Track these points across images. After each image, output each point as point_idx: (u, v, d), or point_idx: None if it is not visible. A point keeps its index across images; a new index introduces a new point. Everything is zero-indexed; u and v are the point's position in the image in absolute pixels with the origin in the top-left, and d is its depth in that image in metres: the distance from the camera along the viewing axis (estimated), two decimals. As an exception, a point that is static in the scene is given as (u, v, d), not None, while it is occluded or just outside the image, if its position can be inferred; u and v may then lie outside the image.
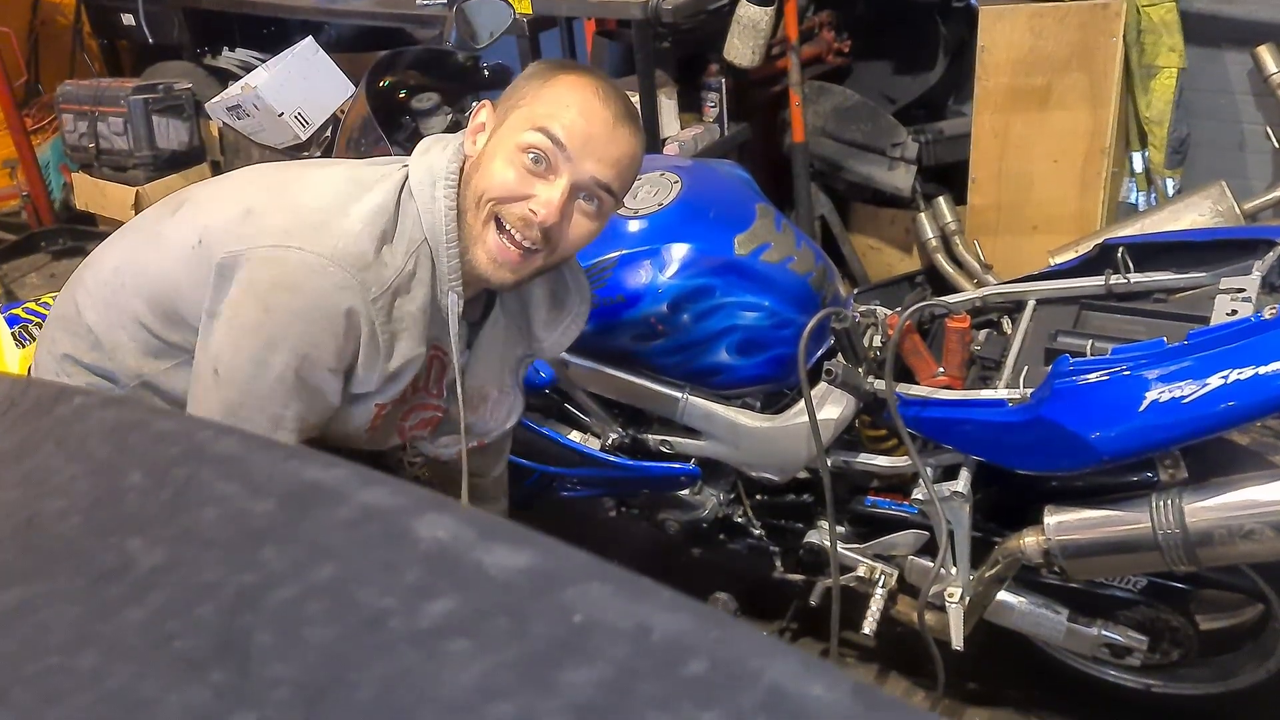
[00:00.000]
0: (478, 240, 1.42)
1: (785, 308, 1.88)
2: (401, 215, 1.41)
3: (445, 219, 1.41)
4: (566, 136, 1.37)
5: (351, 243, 1.34)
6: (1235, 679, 1.86)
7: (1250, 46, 2.89)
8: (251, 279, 1.33)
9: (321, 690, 0.44)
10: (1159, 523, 1.58)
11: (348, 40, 4.11)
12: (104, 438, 0.65)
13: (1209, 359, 1.48)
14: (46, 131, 4.56)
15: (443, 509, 0.51)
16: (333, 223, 1.35)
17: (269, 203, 1.38)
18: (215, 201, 1.44)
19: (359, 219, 1.36)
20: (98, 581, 0.53)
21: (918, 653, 1.91)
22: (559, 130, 1.37)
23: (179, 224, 1.44)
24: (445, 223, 1.41)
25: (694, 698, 0.40)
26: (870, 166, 3.27)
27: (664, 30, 2.80)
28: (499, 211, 1.40)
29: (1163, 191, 3.07)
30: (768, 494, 2.06)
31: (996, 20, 2.92)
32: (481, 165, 1.42)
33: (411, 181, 1.43)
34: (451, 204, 1.42)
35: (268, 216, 1.36)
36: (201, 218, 1.42)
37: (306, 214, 1.36)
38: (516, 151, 1.38)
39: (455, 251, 1.42)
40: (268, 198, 1.39)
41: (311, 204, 1.37)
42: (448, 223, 1.41)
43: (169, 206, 1.50)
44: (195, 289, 1.39)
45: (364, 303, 1.34)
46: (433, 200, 1.41)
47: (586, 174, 1.39)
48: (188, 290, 1.40)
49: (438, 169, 1.43)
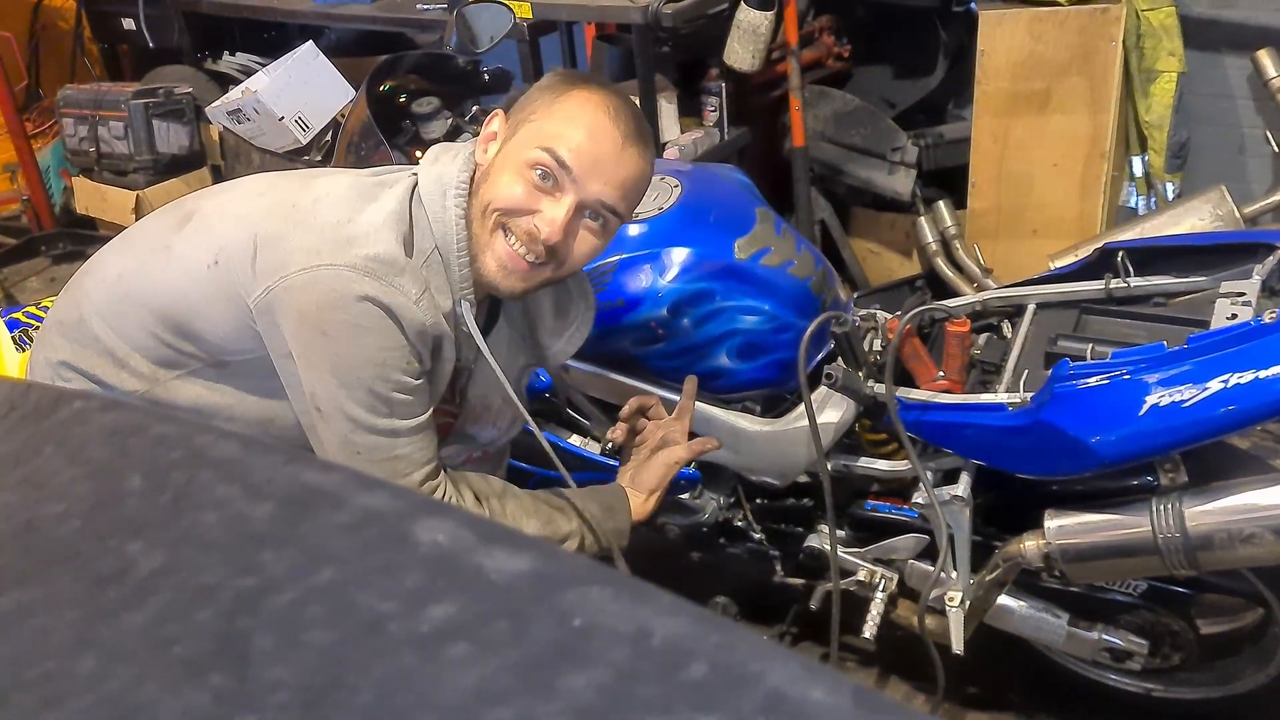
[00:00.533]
0: (487, 248, 1.42)
1: (785, 312, 1.88)
2: (414, 224, 1.41)
3: (456, 227, 1.42)
4: (574, 158, 1.38)
5: (381, 250, 1.35)
6: (1236, 683, 1.86)
7: (1250, 51, 2.90)
8: (299, 310, 1.33)
9: (321, 694, 0.44)
10: (1159, 527, 1.58)
11: (348, 45, 4.12)
12: (104, 441, 0.65)
13: (1209, 363, 1.48)
14: (47, 136, 4.56)
15: (442, 513, 0.51)
16: (356, 235, 1.35)
17: (284, 227, 1.37)
18: (226, 225, 1.43)
19: (380, 226, 1.37)
20: (97, 585, 0.53)
21: (918, 657, 1.90)
22: (566, 153, 1.37)
23: (189, 240, 1.44)
24: (456, 231, 1.42)
25: (694, 702, 0.40)
26: (870, 171, 3.28)
27: (664, 35, 2.81)
28: (505, 222, 1.41)
29: (1162, 196, 3.07)
30: (768, 498, 2.06)
31: (996, 25, 2.92)
32: (491, 176, 1.42)
33: (421, 190, 1.44)
34: (461, 213, 1.42)
35: (286, 241, 1.35)
36: (215, 239, 1.41)
37: (327, 230, 1.36)
38: (525, 167, 1.39)
39: (466, 260, 1.42)
40: (281, 222, 1.38)
41: (329, 220, 1.37)
42: (458, 231, 1.42)
43: (174, 218, 1.49)
44: (210, 306, 1.40)
45: (407, 304, 1.35)
46: (444, 209, 1.42)
47: (593, 195, 1.40)
48: (202, 307, 1.41)
49: (448, 177, 1.43)
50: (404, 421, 1.41)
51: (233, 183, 1.57)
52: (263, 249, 1.36)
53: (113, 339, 1.46)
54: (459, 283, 1.43)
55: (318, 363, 1.36)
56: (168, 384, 1.46)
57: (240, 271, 1.37)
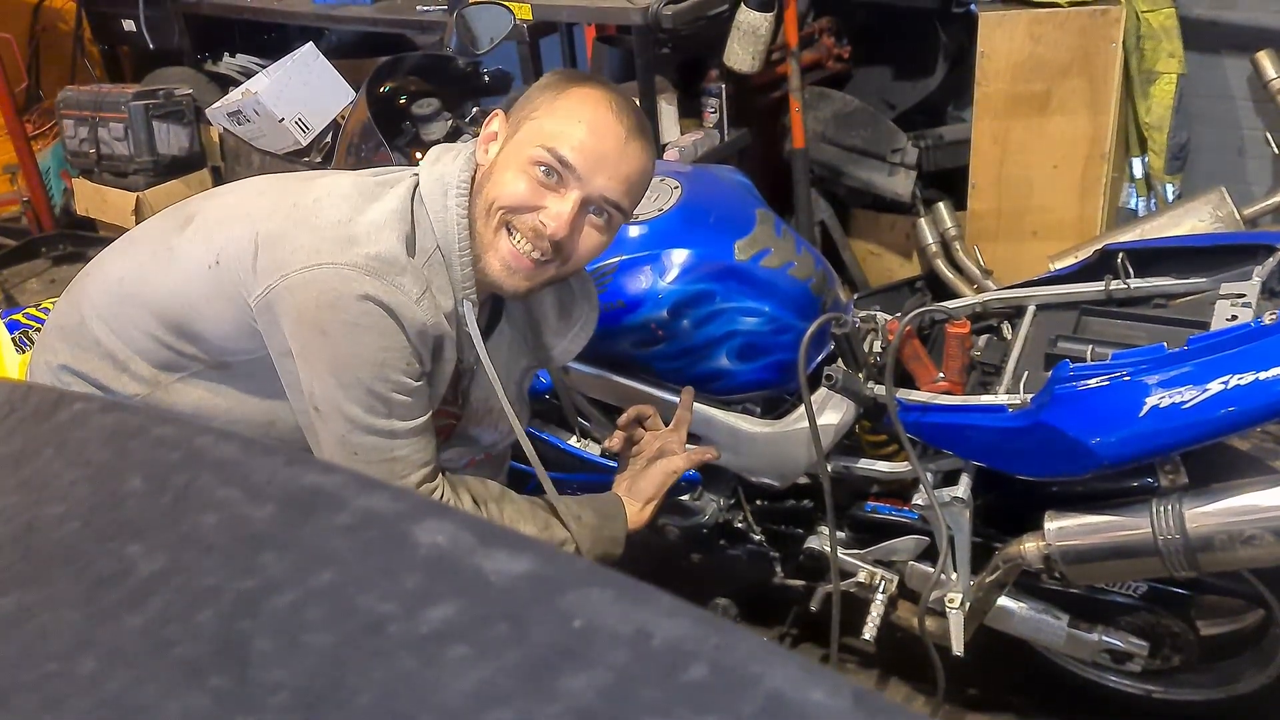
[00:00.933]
0: (490, 247, 1.42)
1: (785, 313, 1.88)
2: (416, 223, 1.41)
3: (458, 227, 1.42)
4: (577, 155, 1.38)
5: (383, 249, 1.35)
6: (1236, 684, 1.86)
7: (1250, 52, 2.90)
8: (298, 309, 1.33)
9: (320, 696, 0.44)
10: (1159, 528, 1.58)
11: (348, 46, 4.12)
12: (104, 443, 0.65)
13: (1209, 364, 1.48)
14: (47, 137, 4.56)
15: (442, 515, 0.51)
16: (357, 235, 1.35)
17: (285, 227, 1.37)
18: (228, 225, 1.43)
19: (382, 225, 1.37)
20: (97, 587, 0.53)
21: (918, 658, 1.90)
22: (569, 150, 1.38)
23: (190, 242, 1.44)
24: (458, 231, 1.42)
25: (694, 703, 0.40)
26: (870, 172, 3.27)
27: (664, 36, 2.81)
28: (509, 220, 1.41)
29: (1162, 197, 3.07)
30: (768, 499, 2.06)
31: (996, 26, 2.92)
32: (494, 175, 1.42)
33: (423, 190, 1.44)
34: (463, 212, 1.42)
35: (287, 240, 1.35)
36: (217, 239, 1.41)
37: (328, 230, 1.36)
38: (528, 164, 1.39)
39: (469, 259, 1.42)
40: (283, 221, 1.38)
41: (330, 219, 1.37)
42: (460, 231, 1.42)
43: (175, 221, 1.49)
44: (211, 306, 1.40)
45: (408, 303, 1.35)
46: (445, 209, 1.42)
47: (597, 190, 1.40)
48: (204, 307, 1.41)
49: (449, 177, 1.43)
50: (402, 423, 1.41)
51: (235, 184, 1.57)
52: (264, 248, 1.36)
53: (114, 342, 1.46)
54: (461, 283, 1.43)
55: (316, 361, 1.36)
56: (169, 387, 1.46)
57: (241, 270, 1.37)
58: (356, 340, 1.34)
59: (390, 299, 1.34)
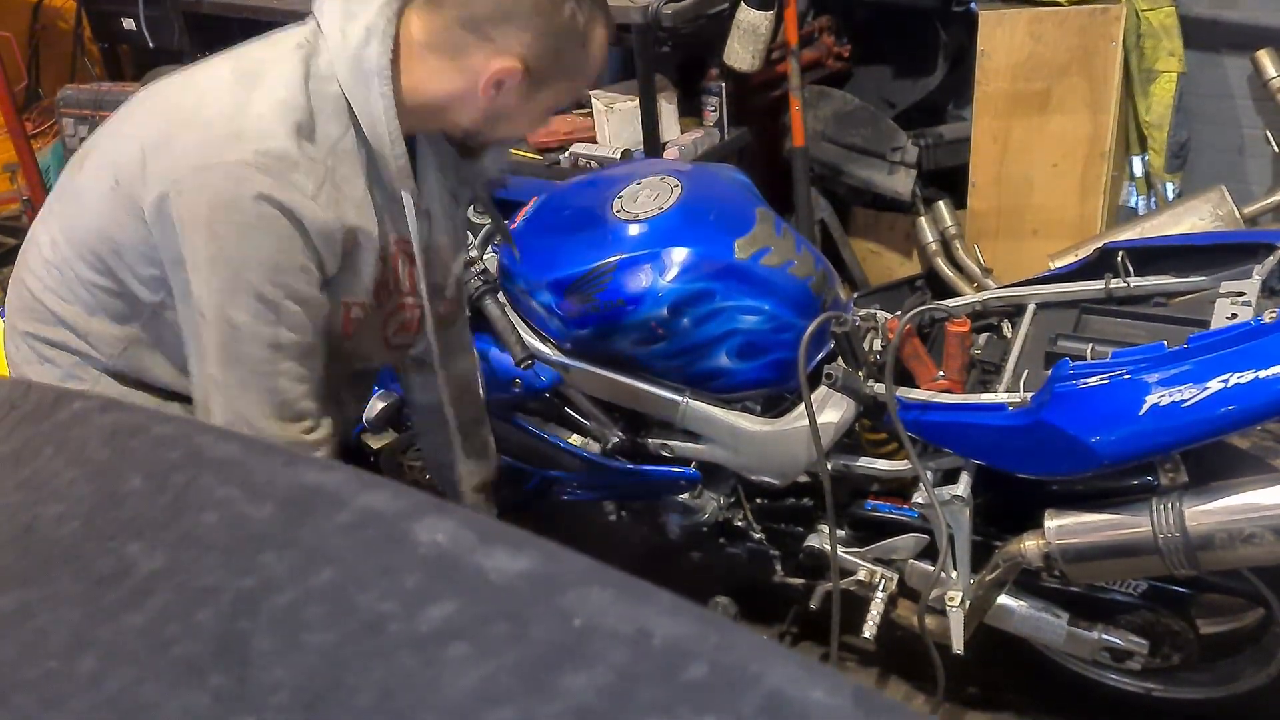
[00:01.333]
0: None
1: (785, 312, 1.88)
2: (315, 102, 1.34)
3: (387, 120, 1.36)
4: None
5: (274, 144, 1.29)
6: (1236, 683, 1.86)
7: (1250, 51, 2.89)
8: (191, 211, 1.28)
9: (320, 695, 0.44)
10: (1159, 527, 1.58)
11: (348, 44, 4.11)
12: (103, 442, 0.65)
13: (1209, 363, 1.48)
14: (47, 136, 4.56)
15: (442, 513, 0.51)
16: (245, 130, 1.29)
17: (170, 129, 1.33)
18: (116, 140, 1.40)
19: (268, 116, 1.31)
20: (97, 586, 0.53)
21: (918, 657, 1.90)
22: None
23: (90, 174, 1.41)
24: (387, 122, 1.36)
25: (694, 702, 0.40)
26: (870, 171, 3.27)
27: (664, 35, 2.80)
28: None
29: (1162, 195, 3.07)
30: (768, 498, 2.06)
31: (996, 25, 2.92)
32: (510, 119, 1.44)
33: (338, 71, 1.36)
34: (391, 103, 1.35)
35: (176, 142, 1.31)
36: (111, 161, 1.37)
37: (214, 126, 1.30)
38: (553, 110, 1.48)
39: (403, 152, 1.38)
40: (167, 125, 1.34)
41: (215, 114, 1.32)
42: (389, 123, 1.36)
43: (75, 165, 1.46)
44: (123, 228, 1.35)
45: (305, 201, 1.30)
46: (368, 101, 1.36)
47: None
48: (117, 233, 1.36)
49: (368, 63, 1.35)
50: (291, 333, 1.34)
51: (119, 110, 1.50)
52: (151, 155, 1.32)
53: (67, 309, 1.44)
54: (396, 174, 1.39)
55: (205, 264, 1.29)
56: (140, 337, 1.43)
57: (135, 183, 1.32)
58: (249, 242, 1.29)
59: (286, 198, 1.28)
